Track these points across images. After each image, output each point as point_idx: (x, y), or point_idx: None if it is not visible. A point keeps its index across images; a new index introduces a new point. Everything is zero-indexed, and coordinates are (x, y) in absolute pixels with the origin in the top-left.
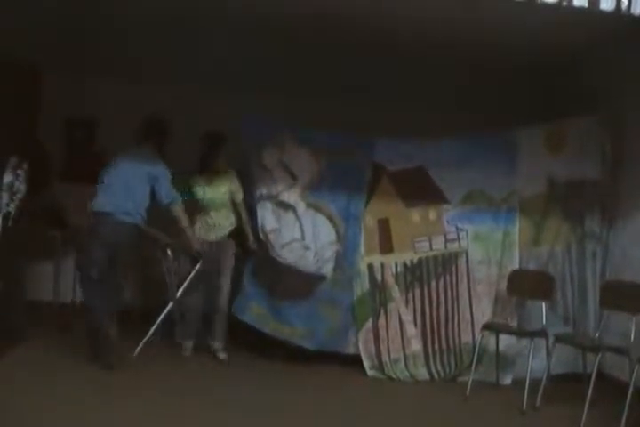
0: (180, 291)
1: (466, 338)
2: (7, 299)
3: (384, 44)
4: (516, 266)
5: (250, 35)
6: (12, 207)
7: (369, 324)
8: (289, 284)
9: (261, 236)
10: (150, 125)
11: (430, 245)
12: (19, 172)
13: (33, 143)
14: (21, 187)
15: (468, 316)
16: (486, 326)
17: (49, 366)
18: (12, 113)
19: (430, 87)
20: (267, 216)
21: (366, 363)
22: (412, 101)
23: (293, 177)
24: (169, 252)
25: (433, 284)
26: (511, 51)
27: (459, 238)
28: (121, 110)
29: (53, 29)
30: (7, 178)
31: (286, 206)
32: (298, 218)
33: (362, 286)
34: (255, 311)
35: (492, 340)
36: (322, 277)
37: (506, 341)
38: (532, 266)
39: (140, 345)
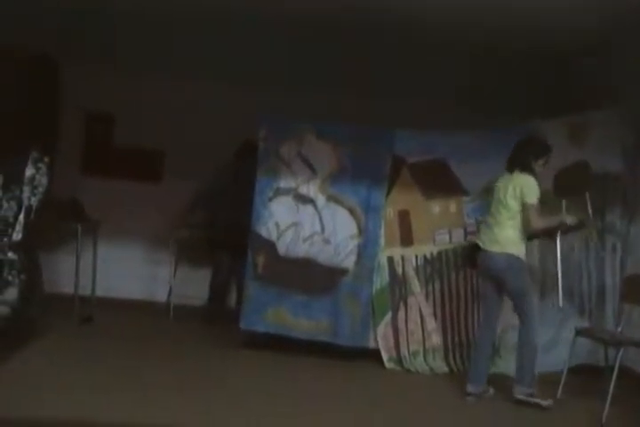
0: None
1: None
2: (29, 291)
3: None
4: (535, 259)
5: (276, 29)
6: (34, 201)
7: (388, 317)
8: (310, 278)
9: (273, 234)
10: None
11: (450, 238)
12: (40, 165)
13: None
14: (43, 180)
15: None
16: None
17: (71, 357)
18: (33, 107)
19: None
20: (283, 211)
21: (385, 356)
22: (432, 96)
23: (312, 170)
24: None
25: (453, 277)
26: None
27: (479, 231)
28: (139, 106)
29: (75, 22)
30: (29, 171)
31: (305, 200)
32: (318, 211)
33: (382, 279)
34: (271, 317)
35: (509, 334)
36: (344, 271)
37: None
38: (550, 259)
39: None
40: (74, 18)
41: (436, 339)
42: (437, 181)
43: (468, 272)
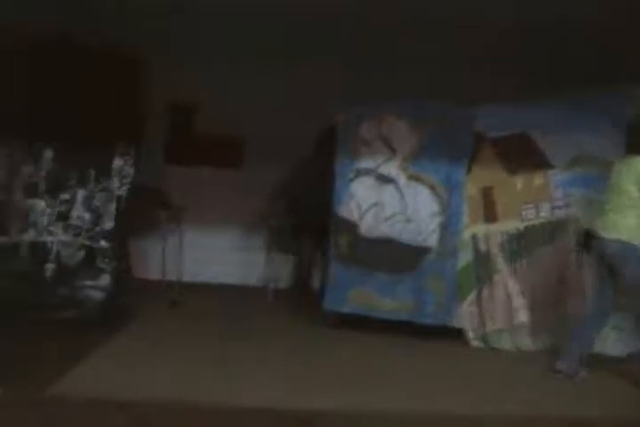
0: None
1: (576, 309)
2: (120, 278)
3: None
4: None
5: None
6: (123, 191)
7: (473, 295)
8: (393, 257)
9: (355, 215)
10: None
11: (537, 213)
12: (126, 157)
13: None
14: (130, 171)
15: (580, 286)
16: None
17: (164, 338)
18: (118, 101)
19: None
20: (365, 192)
21: (470, 334)
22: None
23: (392, 149)
24: None
25: (540, 252)
26: None
27: (567, 204)
28: (221, 94)
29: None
30: (117, 163)
31: (387, 179)
32: (399, 190)
33: (465, 256)
34: (355, 297)
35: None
36: (427, 249)
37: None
38: None
39: None
40: (159, 14)
41: (522, 316)
42: (521, 155)
43: (556, 247)
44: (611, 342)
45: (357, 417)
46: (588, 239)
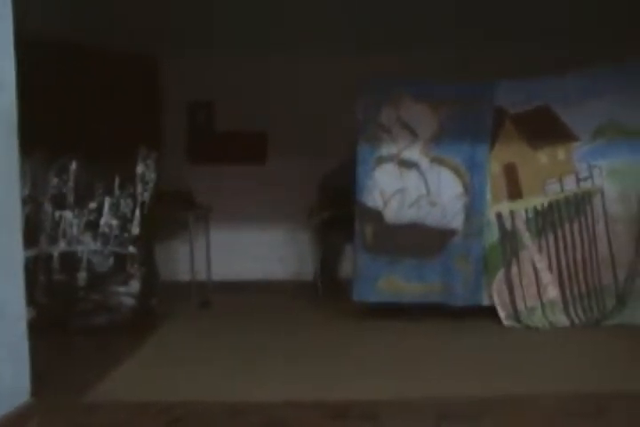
0: None
1: (607, 280)
2: (149, 282)
3: None
4: None
5: None
6: (146, 196)
7: (501, 274)
8: (420, 241)
9: (379, 203)
10: None
11: (561, 187)
12: (148, 162)
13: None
14: (152, 176)
15: (608, 257)
16: None
17: (199, 340)
18: (134, 105)
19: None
20: (387, 179)
21: (502, 313)
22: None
23: (413, 134)
24: None
25: (567, 227)
26: None
27: (592, 176)
28: (239, 90)
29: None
30: (140, 169)
31: (409, 164)
32: (422, 174)
33: (492, 235)
34: (383, 286)
35: (637, 280)
36: (453, 231)
37: None
38: None
39: None
40: (170, 12)
41: (552, 292)
42: (543, 129)
43: (582, 221)
44: None
45: (395, 404)
46: None
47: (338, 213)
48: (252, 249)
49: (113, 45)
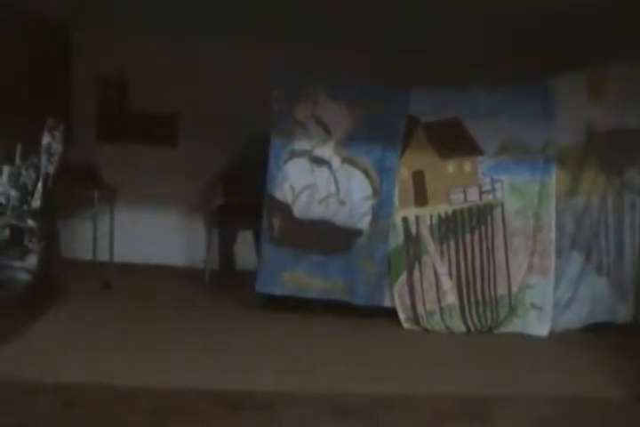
0: None
1: (502, 290)
2: (48, 258)
3: None
4: (552, 217)
5: None
6: (50, 169)
7: (403, 277)
8: (326, 239)
9: (288, 196)
10: None
11: (465, 197)
12: (55, 133)
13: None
14: (58, 148)
15: (504, 268)
16: None
17: (92, 321)
18: (45, 74)
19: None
20: (298, 174)
21: (402, 316)
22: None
23: (327, 131)
24: None
25: (468, 236)
26: None
27: (494, 190)
28: (153, 68)
29: None
30: (45, 139)
31: (321, 162)
32: (332, 173)
33: (396, 239)
34: (287, 280)
35: (527, 292)
36: (359, 232)
37: (541, 292)
38: (568, 217)
39: None
40: None
41: (451, 298)
42: (452, 140)
43: (482, 231)
44: None
45: (289, 396)
46: None
47: (234, 200)
48: (154, 232)
49: (26, 10)
